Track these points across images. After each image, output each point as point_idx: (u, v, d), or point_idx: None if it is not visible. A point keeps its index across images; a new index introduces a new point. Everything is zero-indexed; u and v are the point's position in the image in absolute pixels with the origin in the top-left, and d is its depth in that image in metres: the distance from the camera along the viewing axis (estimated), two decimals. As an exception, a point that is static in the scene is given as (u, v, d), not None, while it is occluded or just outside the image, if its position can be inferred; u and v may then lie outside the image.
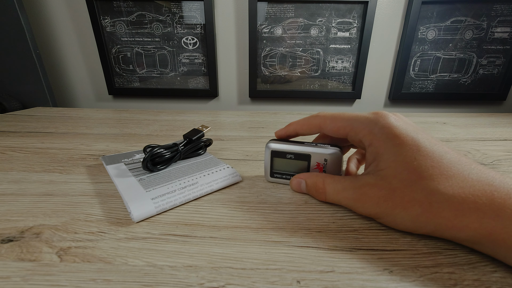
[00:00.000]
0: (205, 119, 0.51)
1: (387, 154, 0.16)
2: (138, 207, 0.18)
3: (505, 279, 0.13)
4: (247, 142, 0.36)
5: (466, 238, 0.14)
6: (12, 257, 0.15)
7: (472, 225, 0.13)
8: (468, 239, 0.14)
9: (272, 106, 0.72)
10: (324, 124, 0.20)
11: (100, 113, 0.55)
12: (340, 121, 0.19)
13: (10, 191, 0.22)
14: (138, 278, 0.13)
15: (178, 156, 0.26)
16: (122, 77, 0.68)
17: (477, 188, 0.14)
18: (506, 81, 0.64)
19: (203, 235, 0.17)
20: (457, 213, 0.14)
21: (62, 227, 0.17)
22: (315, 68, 0.66)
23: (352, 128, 0.18)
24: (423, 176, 0.15)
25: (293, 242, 0.16)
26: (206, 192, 0.22)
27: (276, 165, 0.23)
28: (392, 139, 0.16)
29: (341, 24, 0.62)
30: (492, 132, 0.43)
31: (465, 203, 0.14)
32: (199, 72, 0.68)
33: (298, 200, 0.21)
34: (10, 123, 0.45)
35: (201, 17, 0.62)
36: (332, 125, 0.19)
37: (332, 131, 0.20)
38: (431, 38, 0.62)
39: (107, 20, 0.63)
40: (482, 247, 0.14)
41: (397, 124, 0.17)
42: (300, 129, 0.22)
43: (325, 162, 0.21)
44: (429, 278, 0.13)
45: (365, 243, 0.16)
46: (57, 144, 0.34)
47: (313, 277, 0.14)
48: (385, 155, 0.16)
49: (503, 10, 0.60)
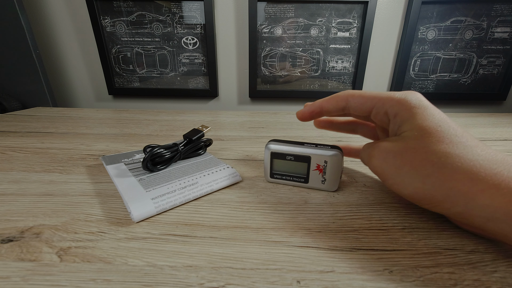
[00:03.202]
0: (205, 119, 0.51)
1: (412, 119, 0.16)
2: (138, 207, 0.18)
3: (505, 279, 0.13)
4: (247, 142, 0.36)
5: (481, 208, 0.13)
6: (12, 257, 0.15)
7: (489, 190, 0.13)
8: (483, 209, 0.13)
9: (272, 106, 0.72)
10: (352, 97, 0.19)
11: (100, 113, 0.55)
12: (369, 95, 0.19)
13: (10, 191, 0.22)
14: (138, 278, 0.13)
15: (178, 156, 0.26)
16: (122, 77, 0.68)
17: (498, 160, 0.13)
18: (506, 81, 0.64)
19: (203, 235, 0.17)
20: (472, 176, 0.13)
21: (62, 227, 0.17)
22: (315, 68, 0.66)
23: (379, 100, 0.18)
24: (442, 140, 0.15)
25: (293, 242, 0.16)
26: (206, 192, 0.22)
27: (276, 166, 0.23)
28: (419, 108, 0.16)
29: (341, 24, 0.62)
30: (492, 132, 0.43)
31: (483, 169, 0.13)
32: (199, 72, 0.68)
33: (298, 200, 0.21)
34: (10, 123, 0.45)
35: (201, 17, 0.62)
36: (360, 98, 0.19)
37: (358, 103, 0.19)
38: (431, 38, 0.62)
39: (107, 20, 0.63)
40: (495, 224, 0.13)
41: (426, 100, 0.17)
42: (326, 104, 0.21)
43: (325, 164, 0.21)
44: (429, 278, 0.13)
45: (365, 243, 0.16)
46: (57, 144, 0.34)
47: (313, 277, 0.14)
48: (410, 119, 0.16)
49: (503, 10, 0.60)
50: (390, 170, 0.17)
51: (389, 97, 0.18)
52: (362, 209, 0.20)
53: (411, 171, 0.15)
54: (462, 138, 0.15)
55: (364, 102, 0.19)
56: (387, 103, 0.18)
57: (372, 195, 0.22)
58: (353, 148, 0.25)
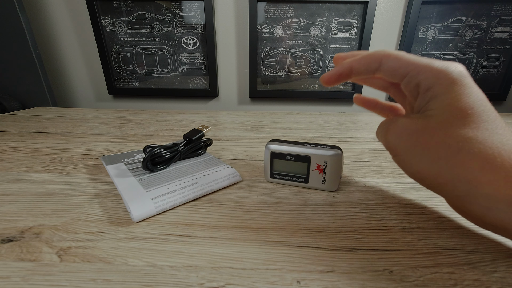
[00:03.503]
0: (205, 119, 0.51)
1: (445, 96, 0.15)
2: (138, 207, 0.18)
3: (505, 279, 0.13)
4: (247, 142, 0.36)
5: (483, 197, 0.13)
6: (12, 257, 0.15)
7: (496, 183, 0.13)
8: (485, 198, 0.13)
9: (272, 106, 0.72)
10: (388, 58, 0.17)
11: (100, 113, 0.55)
12: (406, 59, 0.17)
13: (10, 191, 0.22)
14: (138, 278, 0.13)
15: (178, 156, 0.26)
16: (122, 77, 0.68)
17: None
18: (506, 81, 0.64)
19: (203, 235, 0.17)
20: (484, 165, 0.13)
21: (62, 227, 0.17)
22: (315, 68, 0.66)
23: (417, 67, 0.16)
24: (469, 125, 0.14)
25: (293, 242, 0.16)
26: (206, 192, 0.22)
27: (276, 166, 0.23)
28: (458, 84, 0.14)
29: (341, 24, 0.62)
30: (492, 132, 0.43)
31: (500, 157, 0.13)
32: (199, 72, 0.68)
33: (298, 200, 0.21)
34: (10, 123, 0.45)
35: (201, 17, 0.62)
36: (395, 61, 0.17)
37: (392, 67, 0.17)
38: (431, 38, 0.62)
39: (107, 20, 0.63)
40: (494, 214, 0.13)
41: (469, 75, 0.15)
42: (356, 65, 0.18)
43: (325, 164, 0.21)
44: (429, 278, 0.13)
45: (365, 243, 0.16)
46: (57, 144, 0.34)
47: (313, 277, 0.14)
48: (443, 96, 0.15)
49: (503, 10, 0.60)
50: (402, 147, 0.16)
51: (428, 66, 0.15)
52: (362, 209, 0.20)
53: (423, 152, 0.15)
54: (493, 124, 0.14)
55: (399, 66, 0.16)
56: (423, 73, 0.15)
57: (372, 195, 0.22)
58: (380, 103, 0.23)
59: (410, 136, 0.15)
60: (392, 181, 0.25)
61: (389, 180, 0.25)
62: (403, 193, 0.22)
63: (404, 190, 0.23)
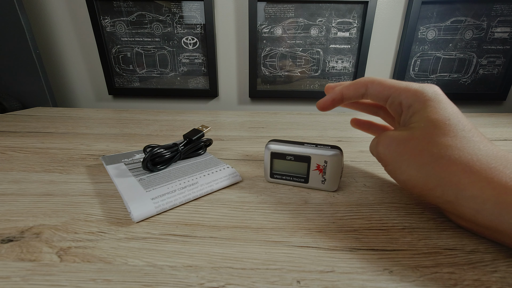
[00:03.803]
0: (205, 119, 0.51)
1: (423, 111, 0.17)
2: (138, 207, 0.18)
3: (505, 279, 0.13)
4: (247, 142, 0.36)
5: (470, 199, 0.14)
6: (12, 257, 0.15)
7: (480, 183, 0.13)
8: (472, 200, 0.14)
9: (272, 106, 0.72)
10: (372, 84, 0.20)
11: (100, 113, 0.55)
12: (388, 84, 0.19)
13: (10, 191, 0.22)
14: (138, 278, 0.13)
15: (178, 156, 0.26)
16: (122, 77, 0.68)
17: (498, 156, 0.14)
18: (506, 81, 0.64)
19: (203, 235, 0.17)
20: (466, 168, 0.14)
21: (62, 227, 0.17)
22: (315, 68, 0.66)
23: (396, 90, 0.18)
24: (448, 134, 0.15)
25: (293, 242, 0.16)
26: (206, 192, 0.22)
27: (276, 166, 0.23)
28: (434, 100, 0.17)
29: (341, 24, 0.62)
30: (492, 132, 0.43)
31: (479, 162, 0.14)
32: (199, 72, 0.68)
33: (298, 200, 0.21)
34: (10, 123, 0.45)
35: (201, 17, 0.62)
36: (378, 86, 0.19)
37: (377, 91, 0.20)
38: (431, 38, 0.62)
39: (107, 20, 0.63)
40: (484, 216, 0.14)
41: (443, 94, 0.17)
42: (346, 91, 0.21)
43: (325, 164, 0.21)
44: (429, 278, 0.13)
45: (365, 243, 0.16)
46: (57, 144, 0.34)
47: (313, 277, 0.14)
48: (421, 111, 0.17)
49: (503, 10, 0.60)
50: (391, 156, 0.18)
51: (406, 88, 0.18)
52: (362, 209, 0.20)
53: (410, 159, 0.16)
54: (469, 133, 0.15)
55: (382, 90, 0.19)
56: (403, 94, 0.18)
57: (372, 195, 0.22)
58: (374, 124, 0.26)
59: (397, 146, 0.17)
60: (392, 181, 0.25)
61: (389, 180, 0.25)
62: (403, 193, 0.22)
63: (404, 190, 0.23)
